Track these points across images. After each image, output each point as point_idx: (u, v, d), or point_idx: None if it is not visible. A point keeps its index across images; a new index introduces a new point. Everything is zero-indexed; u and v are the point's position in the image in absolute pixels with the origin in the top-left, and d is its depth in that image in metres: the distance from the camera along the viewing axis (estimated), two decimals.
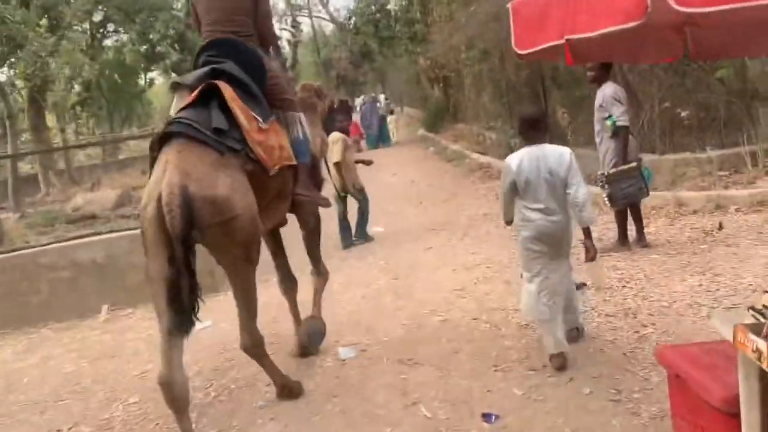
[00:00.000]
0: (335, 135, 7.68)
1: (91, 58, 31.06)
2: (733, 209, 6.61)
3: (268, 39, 4.10)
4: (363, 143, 22.20)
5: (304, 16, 40.21)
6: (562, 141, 10.84)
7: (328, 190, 5.71)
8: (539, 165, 3.63)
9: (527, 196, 3.67)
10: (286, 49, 26.49)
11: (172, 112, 3.61)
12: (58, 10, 26.14)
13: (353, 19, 23.93)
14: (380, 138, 23.00)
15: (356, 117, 22.72)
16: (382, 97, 27.73)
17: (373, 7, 22.68)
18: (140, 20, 28.47)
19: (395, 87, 41.84)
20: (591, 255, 3.89)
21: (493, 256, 6.29)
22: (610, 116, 5.78)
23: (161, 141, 3.34)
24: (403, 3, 21.52)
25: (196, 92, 3.45)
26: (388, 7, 22.80)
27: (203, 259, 3.37)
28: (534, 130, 3.77)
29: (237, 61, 3.66)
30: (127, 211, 13.53)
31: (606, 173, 5.99)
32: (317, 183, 4.47)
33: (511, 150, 12.24)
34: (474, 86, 17.69)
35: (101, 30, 32.51)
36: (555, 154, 3.67)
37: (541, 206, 3.65)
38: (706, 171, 8.07)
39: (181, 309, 3.04)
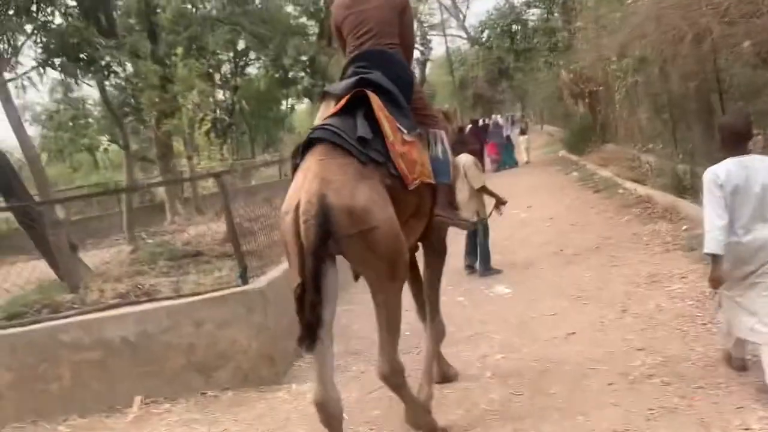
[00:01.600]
0: (467, 158, 7.23)
1: (234, 86, 32.11)
2: None
3: (410, 51, 4.06)
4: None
5: (438, 35, 38.99)
6: None
7: None
8: (749, 177, 3.35)
9: (730, 213, 3.39)
10: (415, 67, 25.25)
11: (317, 121, 3.57)
12: (204, 41, 27.06)
13: (486, 32, 22.00)
14: (504, 160, 21.24)
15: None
16: (502, 117, 25.90)
17: (508, 19, 20.60)
18: (273, 46, 28.67)
19: (535, 104, 39.41)
20: None
21: (673, 358, 4.12)
22: None
23: (305, 148, 3.32)
24: (542, 11, 19.31)
25: (343, 100, 3.41)
26: (525, 17, 20.62)
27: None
28: (741, 139, 3.47)
29: (386, 72, 3.63)
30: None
31: None
32: (453, 206, 4.13)
33: (680, 179, 9.84)
34: (627, 101, 15.15)
35: (243, 58, 33.58)
36: (766, 164, 3.39)
37: (741, 224, 3.39)
38: None
39: (303, 323, 2.93)
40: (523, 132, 23.76)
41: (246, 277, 5.14)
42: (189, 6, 26.82)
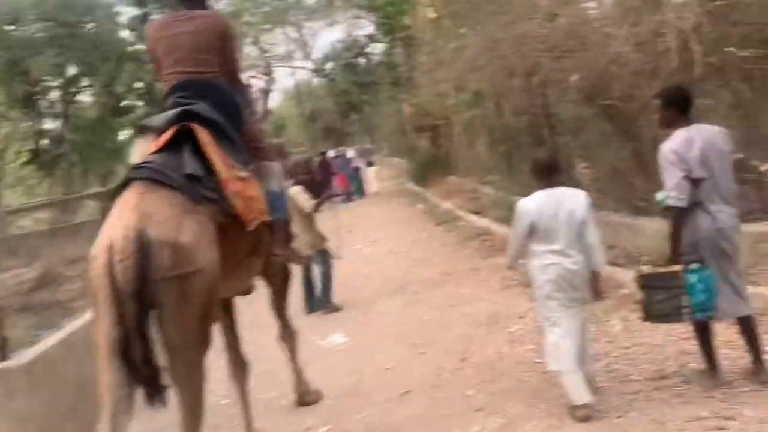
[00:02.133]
0: (294, 189, 7.00)
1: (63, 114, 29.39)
2: None
3: (236, 81, 3.66)
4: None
5: (284, 66, 38.63)
6: None
7: None
8: (558, 207, 3.62)
9: (545, 240, 3.64)
10: (256, 97, 24.46)
11: (136, 159, 3.11)
12: (27, 65, 24.68)
13: (329, 64, 21.83)
14: (355, 191, 21.70)
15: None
16: (352, 149, 26.72)
17: (351, 51, 20.53)
18: (104, 72, 26.69)
19: (384, 137, 40.04)
20: (601, 295, 3.90)
21: (515, 418, 3.71)
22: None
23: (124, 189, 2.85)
24: (386, 45, 19.45)
25: (166, 135, 3.03)
26: (369, 50, 20.68)
27: None
28: (550, 173, 3.75)
29: (211, 103, 3.25)
30: (46, 298, 10.88)
31: (639, 271, 3.91)
32: (290, 242, 3.92)
33: (515, 211, 9.95)
34: (466, 134, 15.48)
35: (74, 85, 30.85)
36: (573, 196, 3.71)
37: (559, 249, 3.62)
38: None
39: (140, 380, 2.50)
40: (371, 164, 24.08)
41: (6, 352, 4.06)
42: (9, 26, 24.37)
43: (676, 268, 3.59)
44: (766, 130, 6.48)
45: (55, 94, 30.03)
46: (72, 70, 28.48)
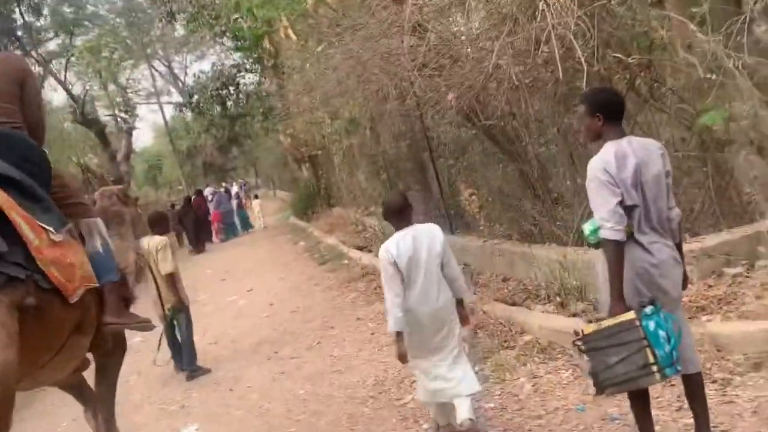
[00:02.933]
0: (157, 240, 6.19)
1: None
2: None
3: (39, 131, 3.09)
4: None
5: (151, 102, 36.70)
6: (475, 233, 7.73)
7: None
8: (417, 245, 3.55)
9: (408, 281, 3.52)
10: (121, 138, 22.50)
11: None
12: None
13: (195, 97, 20.40)
14: (242, 226, 21.24)
15: (211, 207, 20.20)
16: (236, 184, 25.86)
17: (218, 81, 19.21)
18: None
19: (267, 170, 38.76)
20: (469, 323, 3.90)
21: None
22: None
23: None
24: (255, 75, 18.34)
25: None
26: (238, 80, 19.47)
27: None
28: (401, 214, 3.69)
29: (8, 159, 2.71)
30: None
31: (581, 332, 2.88)
32: (127, 303, 3.38)
33: None
34: (345, 163, 14.65)
35: None
36: (427, 232, 3.64)
37: (417, 290, 3.52)
38: (706, 269, 5.09)
39: None
40: (255, 197, 23.33)
41: None
42: None
43: (628, 316, 2.72)
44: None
45: None
46: None
